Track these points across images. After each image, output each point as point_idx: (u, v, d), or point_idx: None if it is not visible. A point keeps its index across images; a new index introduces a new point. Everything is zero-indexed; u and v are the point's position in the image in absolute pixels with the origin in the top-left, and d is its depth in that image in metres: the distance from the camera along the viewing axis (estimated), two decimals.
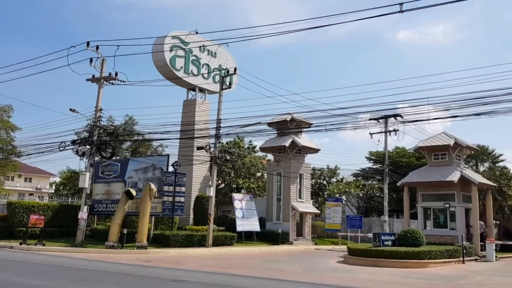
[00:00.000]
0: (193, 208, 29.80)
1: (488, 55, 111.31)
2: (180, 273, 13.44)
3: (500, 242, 25.90)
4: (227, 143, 36.21)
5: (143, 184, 23.97)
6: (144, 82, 34.83)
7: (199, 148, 24.92)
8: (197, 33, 26.98)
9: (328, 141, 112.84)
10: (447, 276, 15.14)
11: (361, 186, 39.05)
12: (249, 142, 37.97)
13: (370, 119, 27.00)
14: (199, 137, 27.36)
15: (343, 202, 38.95)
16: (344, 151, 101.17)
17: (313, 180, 41.31)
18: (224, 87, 25.74)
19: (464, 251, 20.36)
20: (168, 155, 26.07)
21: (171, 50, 30.33)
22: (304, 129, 30.65)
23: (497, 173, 31.55)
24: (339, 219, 31.94)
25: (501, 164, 36.67)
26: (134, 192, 22.32)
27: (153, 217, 23.84)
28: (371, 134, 28.04)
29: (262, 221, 29.98)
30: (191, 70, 31.38)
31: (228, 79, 27.50)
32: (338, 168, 43.77)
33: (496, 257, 22.22)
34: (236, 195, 29.36)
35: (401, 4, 12.41)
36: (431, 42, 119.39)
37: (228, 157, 26.10)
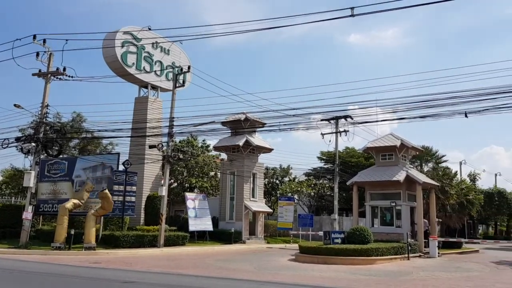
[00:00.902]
0: (144, 208, 29.24)
1: (432, 60, 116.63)
2: (130, 274, 13.16)
3: (443, 239, 27.24)
4: (180, 141, 35.78)
5: (92, 183, 23.25)
6: (94, 78, 33.65)
7: (151, 147, 24.48)
8: (150, 29, 26.51)
9: (282, 141, 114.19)
10: (393, 272, 15.71)
11: (312, 185, 39.84)
12: (203, 141, 37.73)
13: (322, 120, 27.65)
14: (151, 135, 26.88)
15: (295, 201, 39.57)
16: (297, 151, 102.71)
17: (266, 180, 41.69)
18: (177, 85, 25.43)
19: (409, 248, 21.21)
20: (118, 154, 25.44)
21: (122, 46, 29.59)
22: (258, 129, 30.88)
23: (440, 173, 33.17)
24: (291, 217, 32.42)
25: (444, 164, 38.63)
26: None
27: (102, 217, 23.19)
28: (322, 134, 28.65)
29: (215, 221, 29.91)
30: (144, 67, 30.76)
31: (181, 77, 27.13)
32: (291, 167, 44.45)
33: (438, 253, 23.33)
34: (189, 195, 29.09)
35: (352, 8, 12.79)
36: (381, 46, 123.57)
37: (181, 156, 25.81)
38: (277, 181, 44.65)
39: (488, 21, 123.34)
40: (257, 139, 31.49)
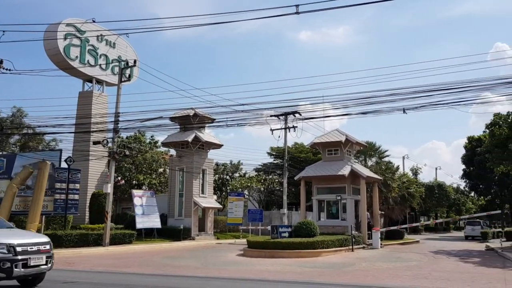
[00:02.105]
0: (89, 206, 28.38)
1: (381, 58, 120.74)
2: (73, 274, 12.75)
3: (384, 229, 28.35)
4: (127, 138, 34.97)
5: (32, 181, 22.29)
6: (34, 71, 32.28)
7: (95, 143, 23.74)
8: (94, 21, 25.73)
9: (234, 136, 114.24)
10: (337, 264, 16.20)
11: (262, 181, 40.19)
12: (151, 137, 37.07)
13: (271, 116, 27.91)
14: (95, 131, 26.07)
15: (245, 197, 39.80)
16: (249, 147, 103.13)
17: (217, 175, 41.62)
18: (123, 79, 24.76)
19: (353, 240, 21.95)
20: (60, 150, 24.55)
21: (65, 39, 28.45)
22: (207, 125, 30.72)
23: (383, 167, 34.47)
24: (241, 213, 32.59)
25: (386, 159, 40.17)
26: None
27: (44, 216, 22.29)
28: (272, 130, 28.88)
29: (163, 218, 29.50)
30: (88, 60, 29.74)
31: (128, 71, 26.46)
32: (241, 163, 44.60)
33: (381, 244, 24.31)
34: (136, 192, 28.50)
35: (297, 5, 13.01)
36: (331, 43, 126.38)
37: (127, 152, 25.27)
38: (228, 177, 44.67)
39: (430, 22, 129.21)
40: (207, 135, 31.34)
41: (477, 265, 16.16)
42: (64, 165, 23.27)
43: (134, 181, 33.93)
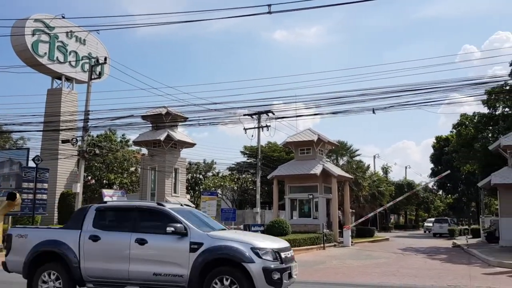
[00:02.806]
0: (57, 206, 27.72)
1: (353, 58, 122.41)
2: None
3: (354, 224, 28.69)
4: (97, 136, 34.35)
5: None
6: (0, 68, 31.23)
7: (64, 142, 23.17)
8: (63, 17, 25.10)
9: (208, 135, 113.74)
10: (308, 262, 16.35)
11: (235, 180, 40.17)
12: (122, 135, 36.47)
13: (245, 115, 27.94)
14: (65, 129, 25.48)
15: (219, 196, 39.69)
16: (223, 146, 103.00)
17: (190, 175, 41.35)
18: (93, 77, 24.28)
19: (325, 238, 22.22)
20: (28, 149, 23.92)
21: (33, 34, 27.69)
22: (180, 123, 30.50)
23: (354, 166, 34.98)
24: (214, 212, 32.33)
25: (357, 158, 40.69)
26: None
27: (10, 217, 21.66)
28: (245, 129, 28.89)
29: None
30: (57, 57, 29.03)
31: (98, 68, 26.04)
32: (215, 162, 44.43)
33: (352, 242, 24.68)
34: (106, 191, 28.00)
35: (269, 5, 13.06)
36: (305, 43, 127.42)
37: (97, 151, 24.78)
38: (201, 176, 44.45)
39: (402, 23, 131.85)
40: (179, 133, 31.09)
41: (443, 262, 16.62)
42: (31, 164, 22.64)
43: (104, 181, 33.35)
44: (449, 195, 55.58)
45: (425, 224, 46.33)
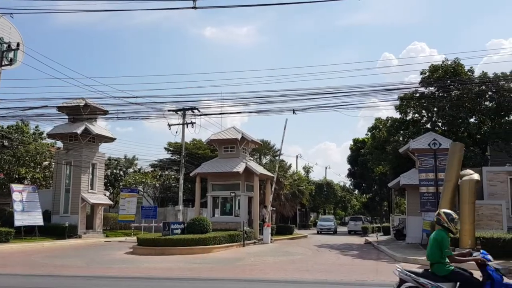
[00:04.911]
0: None
1: (282, 59, 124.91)
2: None
3: (273, 223, 29.37)
4: (7, 127, 31.92)
5: None
6: None
7: None
8: None
9: (132, 130, 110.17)
10: (227, 259, 16.46)
11: (158, 177, 39.33)
12: (36, 127, 34.18)
13: (169, 110, 27.44)
14: None
15: (139, 193, 38.62)
16: (148, 142, 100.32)
17: (109, 170, 39.77)
18: (4, 63, 22.57)
19: (245, 235, 22.46)
20: None
21: None
22: (99, 116, 29.25)
23: (276, 165, 35.73)
24: (134, 210, 31.49)
25: (280, 157, 41.67)
26: None
27: None
28: (169, 125, 28.43)
29: (47, 214, 27.43)
30: None
31: (10, 54, 24.19)
32: (136, 158, 43.14)
33: (271, 239, 25.20)
34: (15, 186, 26.07)
35: (194, 0, 12.94)
36: (236, 42, 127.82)
37: (5, 143, 23.02)
38: (121, 172, 42.93)
39: (329, 28, 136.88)
40: (98, 127, 29.77)
41: (355, 258, 17.50)
42: None
43: (15, 175, 31.02)
44: (364, 195, 58.67)
45: (318, 223, 42.68)
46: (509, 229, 17.54)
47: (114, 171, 41.63)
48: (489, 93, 23.86)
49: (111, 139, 30.99)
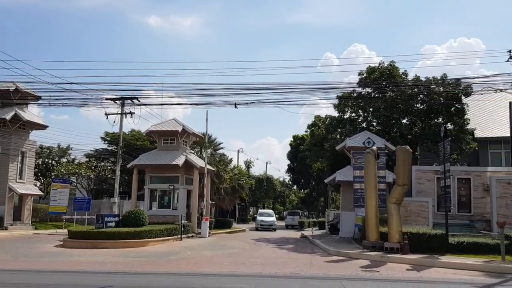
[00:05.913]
0: None
1: (225, 52, 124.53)
2: None
3: (212, 217, 29.27)
4: None
5: None
6: None
7: None
8: None
9: (68, 118, 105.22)
10: (162, 253, 16.20)
11: (93, 168, 37.90)
12: None
13: (107, 99, 26.45)
14: None
15: (73, 184, 37.05)
16: (84, 131, 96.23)
17: (41, 160, 37.78)
18: None
19: (183, 229, 22.21)
20: None
21: None
22: (31, 102, 27.65)
23: (217, 159, 35.71)
24: (66, 201, 30.17)
25: (220, 151, 41.66)
26: None
27: None
28: (106, 114, 27.41)
29: None
30: None
31: None
32: (71, 147, 41.25)
33: (209, 233, 25.11)
34: None
35: None
36: (180, 32, 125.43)
37: None
38: (54, 162, 40.90)
39: (275, 25, 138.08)
40: (29, 113, 28.17)
41: (290, 251, 17.85)
42: None
43: None
44: (302, 190, 60.02)
45: (258, 218, 38.32)
46: (435, 225, 18.59)
47: (46, 160, 39.63)
48: (421, 96, 25.17)
49: (43, 127, 29.44)
